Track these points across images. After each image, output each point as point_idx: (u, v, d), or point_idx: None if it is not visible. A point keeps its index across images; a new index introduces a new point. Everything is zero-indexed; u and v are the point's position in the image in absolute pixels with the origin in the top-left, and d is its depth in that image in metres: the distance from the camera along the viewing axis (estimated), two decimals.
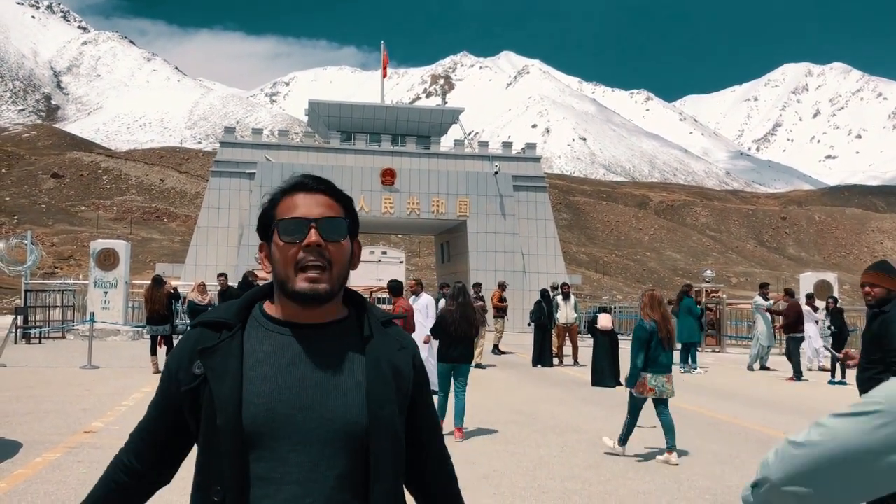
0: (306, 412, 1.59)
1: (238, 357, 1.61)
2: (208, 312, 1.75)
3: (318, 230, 1.63)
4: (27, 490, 6.39)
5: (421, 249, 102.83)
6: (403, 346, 1.76)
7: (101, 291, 24.00)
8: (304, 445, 1.58)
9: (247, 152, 40.85)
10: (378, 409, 1.62)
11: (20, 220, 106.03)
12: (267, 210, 1.72)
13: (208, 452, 1.60)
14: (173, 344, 15.20)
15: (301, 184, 1.70)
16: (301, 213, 1.65)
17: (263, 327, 1.67)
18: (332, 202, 1.69)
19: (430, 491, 1.82)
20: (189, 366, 1.64)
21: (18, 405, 10.49)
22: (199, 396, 1.61)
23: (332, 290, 1.65)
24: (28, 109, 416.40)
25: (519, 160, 43.00)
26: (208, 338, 1.65)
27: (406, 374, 1.72)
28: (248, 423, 1.57)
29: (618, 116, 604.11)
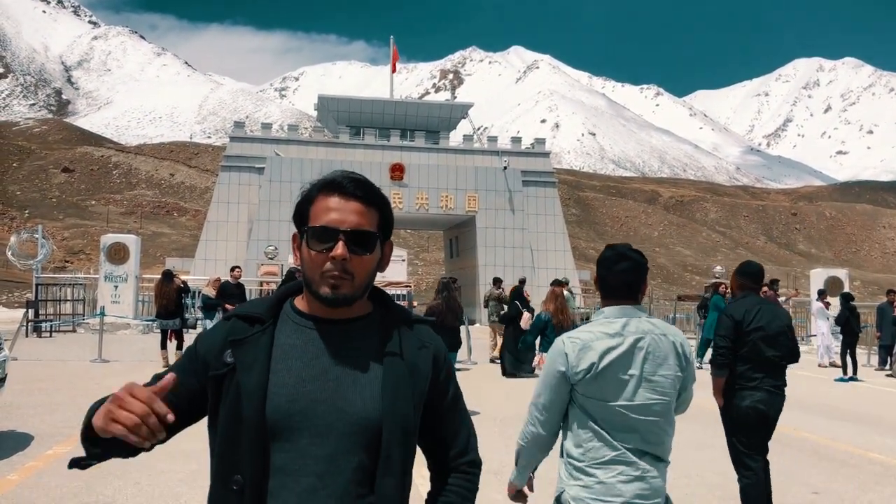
0: (325, 405, 1.63)
1: (267, 350, 1.65)
2: (243, 306, 1.79)
3: (346, 242, 1.65)
4: (38, 482, 6.43)
5: (430, 245, 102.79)
6: (425, 344, 1.78)
7: (111, 285, 24.11)
8: (323, 438, 1.62)
9: (256, 147, 40.94)
10: (392, 405, 1.65)
11: (31, 215, 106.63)
12: (303, 203, 1.74)
13: (229, 442, 1.63)
14: (184, 338, 15.26)
15: (339, 185, 1.70)
16: (333, 220, 1.66)
17: (292, 321, 1.72)
18: (365, 209, 1.70)
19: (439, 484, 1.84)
20: (220, 353, 1.67)
21: (30, 398, 10.56)
22: (222, 384, 1.66)
23: (355, 295, 1.69)
24: (39, 104, 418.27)
25: (528, 155, 42.94)
26: (241, 329, 1.69)
27: (423, 373, 1.74)
28: (270, 414, 1.60)
29: (627, 111, 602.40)
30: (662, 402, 2.75)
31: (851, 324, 16.83)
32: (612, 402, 2.69)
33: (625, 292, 2.84)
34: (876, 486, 7.25)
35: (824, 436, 9.60)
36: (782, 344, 5.26)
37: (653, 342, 2.76)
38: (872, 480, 7.47)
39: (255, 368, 1.62)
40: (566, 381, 2.73)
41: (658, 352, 2.76)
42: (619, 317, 2.79)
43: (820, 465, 8.00)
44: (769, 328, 5.21)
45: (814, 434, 9.66)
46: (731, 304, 5.58)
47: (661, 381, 2.75)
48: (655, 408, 2.73)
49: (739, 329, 5.21)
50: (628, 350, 2.71)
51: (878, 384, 16.02)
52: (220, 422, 1.65)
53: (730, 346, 5.23)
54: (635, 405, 2.69)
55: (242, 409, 1.60)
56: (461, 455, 1.85)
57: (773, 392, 5.24)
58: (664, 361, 2.77)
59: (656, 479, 2.72)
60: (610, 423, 2.70)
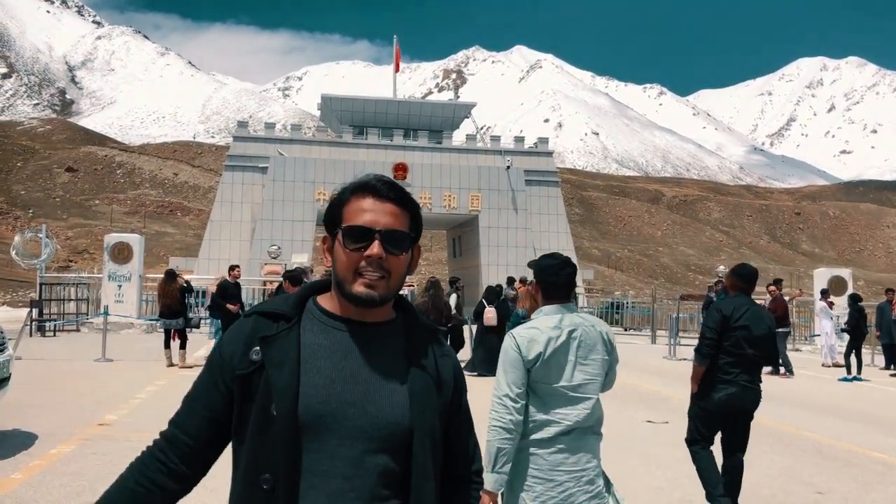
0: (356, 408, 1.63)
1: (296, 348, 1.64)
2: (266, 303, 1.78)
3: (382, 242, 1.66)
4: (42, 481, 6.45)
5: (433, 244, 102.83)
6: (446, 353, 1.81)
7: (114, 285, 24.14)
8: (351, 440, 1.62)
9: (260, 146, 40.97)
10: (421, 414, 1.67)
11: (35, 214, 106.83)
12: (335, 205, 1.74)
13: (258, 441, 1.61)
14: (187, 337, 15.27)
15: (373, 187, 1.71)
16: (368, 220, 1.67)
17: (318, 320, 1.71)
18: (399, 211, 1.71)
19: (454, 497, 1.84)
20: (245, 352, 1.66)
21: (33, 397, 10.58)
22: (251, 384, 1.64)
23: (388, 296, 1.70)
24: (43, 104, 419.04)
25: (531, 155, 42.94)
26: (266, 327, 1.67)
27: (447, 382, 1.77)
28: (302, 414, 1.60)
29: (631, 111, 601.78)
30: (594, 381, 3.36)
31: (860, 325, 16.84)
32: (556, 383, 3.25)
33: (565, 293, 3.40)
34: (879, 486, 7.24)
35: (827, 435, 9.59)
36: (763, 346, 5.63)
37: (584, 332, 3.33)
38: (875, 480, 7.46)
39: (286, 366, 1.62)
40: (524, 366, 3.24)
41: (588, 340, 3.33)
42: (557, 313, 3.32)
43: (823, 465, 7.99)
44: (754, 329, 5.58)
45: (817, 433, 9.65)
46: (723, 301, 6.01)
47: (592, 364, 3.33)
48: (589, 386, 3.31)
49: (727, 323, 5.59)
50: (566, 340, 3.27)
51: (883, 384, 16.00)
52: (251, 420, 1.63)
53: (715, 339, 5.60)
54: (573, 385, 3.26)
55: (273, 406, 1.59)
56: (470, 464, 1.88)
57: (745, 387, 5.58)
58: (594, 348, 3.34)
59: (592, 449, 3.35)
60: (555, 401, 3.25)
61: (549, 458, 3.21)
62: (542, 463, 3.21)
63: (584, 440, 3.31)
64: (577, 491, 3.23)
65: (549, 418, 3.25)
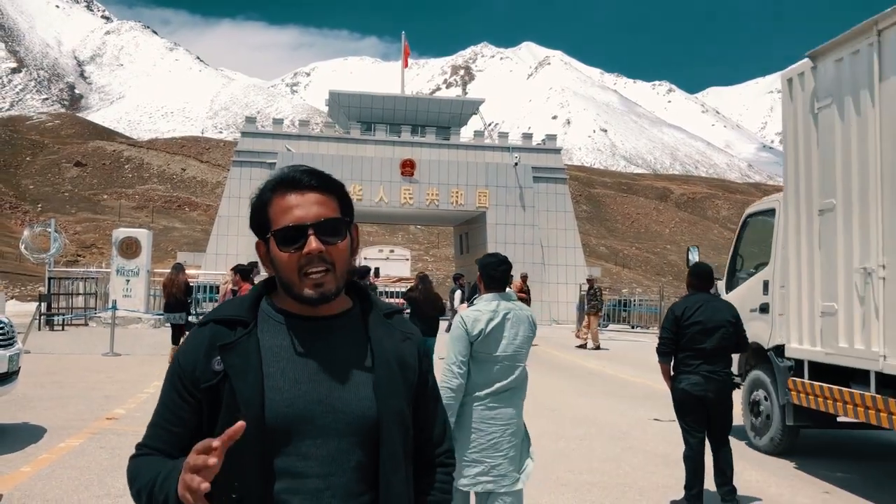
0: (323, 406, 1.60)
1: (257, 353, 1.60)
2: (221, 309, 1.72)
3: (317, 235, 1.60)
4: (51, 474, 6.48)
5: (440, 240, 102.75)
6: (408, 336, 1.77)
7: (123, 279, 24.21)
8: (323, 439, 1.59)
9: (268, 142, 40.98)
10: (386, 402, 1.64)
11: (44, 209, 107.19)
12: (259, 209, 1.68)
13: (227, 449, 1.57)
14: (185, 333, 15.30)
15: (292, 180, 1.65)
16: (296, 217, 1.61)
17: (274, 320, 1.66)
18: (325, 198, 1.65)
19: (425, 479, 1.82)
20: (207, 362, 1.61)
21: (42, 391, 10.63)
22: (219, 393, 1.60)
23: (339, 287, 1.65)
24: (52, 98, 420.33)
25: (539, 151, 42.82)
26: (224, 334, 1.63)
27: (412, 366, 1.74)
28: (270, 419, 1.56)
29: (639, 108, 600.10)
30: (522, 352, 4.24)
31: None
32: (494, 353, 4.10)
33: (502, 284, 4.26)
34: None
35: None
36: (720, 336, 6.02)
37: (515, 315, 4.20)
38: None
39: (250, 374, 1.57)
40: (469, 340, 4.07)
41: (517, 321, 4.20)
42: (495, 300, 4.20)
43: None
44: (708, 322, 6.02)
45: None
46: (677, 302, 6.50)
47: (520, 338, 4.20)
48: (519, 355, 4.20)
49: (679, 323, 6.08)
50: (501, 320, 4.13)
51: None
52: (219, 430, 1.56)
53: (670, 337, 6.13)
54: (508, 355, 4.13)
55: (240, 416, 1.54)
56: (440, 445, 1.84)
57: (708, 377, 5.97)
58: (521, 326, 4.21)
59: (517, 406, 4.28)
60: (492, 367, 4.10)
61: (484, 413, 4.09)
62: (477, 416, 4.08)
63: (513, 399, 4.22)
64: (502, 440, 4.12)
65: (486, 381, 4.09)
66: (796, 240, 7.75)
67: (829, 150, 7.15)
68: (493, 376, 4.10)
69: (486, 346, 4.08)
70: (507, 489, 4.20)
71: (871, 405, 6.54)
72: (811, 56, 7.57)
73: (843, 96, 6.96)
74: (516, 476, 4.29)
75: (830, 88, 7.19)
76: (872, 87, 6.46)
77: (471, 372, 4.10)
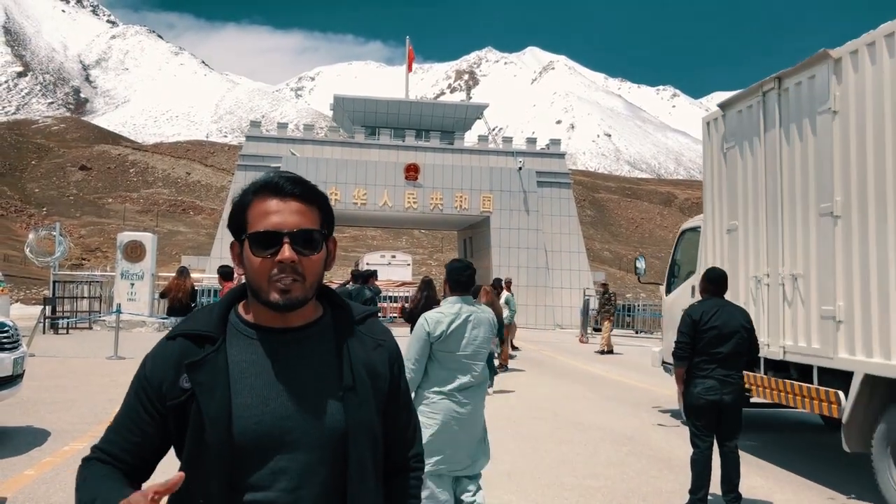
0: (292, 421, 1.58)
1: (225, 371, 1.58)
2: (189, 322, 1.68)
3: (292, 244, 1.58)
4: (55, 478, 6.48)
5: (444, 245, 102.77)
6: (380, 343, 1.75)
7: (127, 283, 24.25)
8: (294, 453, 1.58)
9: (272, 146, 41.05)
10: (355, 414, 1.62)
11: (49, 212, 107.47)
12: (238, 210, 1.67)
13: (193, 466, 1.55)
14: None
15: (275, 185, 1.63)
16: (274, 223, 1.59)
17: (243, 334, 1.64)
18: (306, 208, 1.63)
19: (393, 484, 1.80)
20: (175, 379, 1.59)
21: (46, 394, 10.64)
22: (185, 410, 1.58)
23: (307, 297, 1.62)
24: (57, 102, 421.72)
25: (543, 156, 42.84)
26: (192, 351, 1.60)
27: (382, 374, 1.72)
28: (238, 438, 1.55)
29: (644, 113, 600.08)
30: (482, 352, 4.50)
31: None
32: (455, 352, 4.38)
33: (465, 288, 4.56)
34: None
35: None
36: (735, 341, 6.08)
37: (476, 317, 4.49)
38: None
39: (217, 392, 1.55)
40: (428, 341, 4.36)
41: (478, 322, 4.49)
42: (458, 303, 4.50)
43: None
44: (724, 328, 6.08)
45: None
46: (693, 305, 6.49)
47: (481, 338, 4.49)
48: (478, 356, 4.47)
49: (696, 327, 6.13)
50: (463, 321, 4.42)
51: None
52: (185, 447, 1.58)
53: (688, 342, 6.16)
54: (468, 353, 4.41)
55: (206, 435, 1.54)
56: (409, 448, 1.83)
57: (723, 381, 6.03)
58: (481, 327, 4.49)
59: (478, 401, 4.51)
60: (454, 366, 4.38)
61: (444, 405, 4.35)
62: (437, 407, 4.33)
63: (475, 394, 4.47)
64: (460, 431, 4.37)
65: (448, 377, 4.37)
66: (712, 252, 9.61)
67: (733, 182, 9.08)
68: (453, 373, 4.39)
69: (447, 345, 4.36)
70: (467, 473, 4.51)
71: (761, 384, 8.29)
72: (721, 106, 9.49)
73: (741, 140, 8.87)
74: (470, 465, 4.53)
75: (734, 133, 9.10)
76: (759, 135, 8.38)
77: (434, 368, 4.41)
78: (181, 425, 1.59)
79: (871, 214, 6.46)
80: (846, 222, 6.81)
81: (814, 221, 7.35)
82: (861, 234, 6.62)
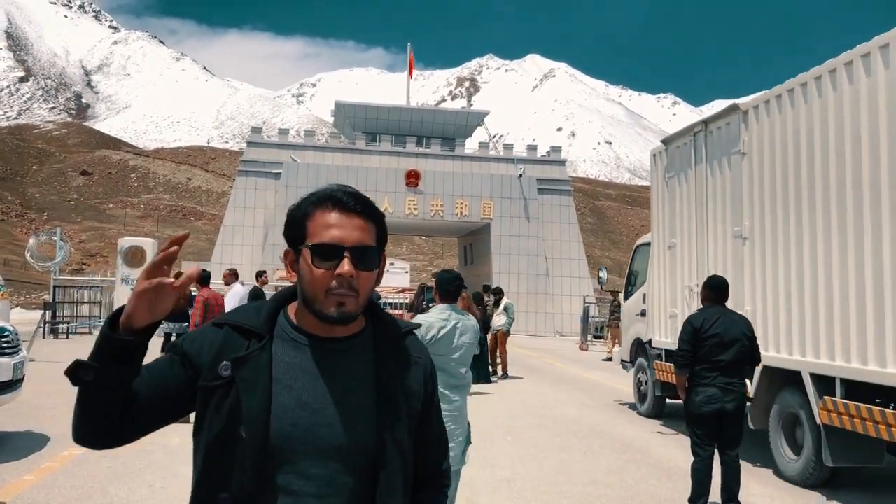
0: (327, 429, 1.60)
1: (268, 369, 1.60)
2: (238, 314, 1.70)
3: (352, 260, 1.61)
4: (54, 483, 6.48)
5: (444, 251, 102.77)
6: (415, 360, 1.77)
7: (128, 288, 24.25)
8: (324, 460, 1.60)
9: (273, 152, 41.11)
10: (387, 431, 1.65)
11: (49, 217, 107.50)
12: (298, 219, 1.69)
13: (218, 459, 1.58)
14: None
15: (338, 200, 1.66)
16: (336, 237, 1.62)
17: (289, 336, 1.67)
18: (366, 224, 1.66)
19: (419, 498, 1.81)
20: (214, 364, 1.61)
21: (46, 399, 10.63)
22: (212, 397, 1.60)
23: (358, 312, 1.65)
24: (59, 107, 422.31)
25: (544, 163, 42.89)
26: (238, 344, 1.63)
27: (416, 393, 1.74)
28: (272, 437, 1.57)
29: (644, 120, 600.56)
30: (466, 356, 4.80)
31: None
32: (446, 355, 4.62)
33: (454, 297, 4.89)
34: None
35: None
36: (737, 349, 6.10)
37: (463, 323, 4.78)
38: None
39: (259, 389, 1.58)
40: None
41: (465, 328, 4.77)
42: (447, 310, 4.81)
43: None
44: (725, 335, 6.10)
45: None
46: (694, 314, 6.53)
47: (467, 343, 4.77)
48: (464, 360, 4.77)
49: (697, 335, 6.15)
50: (452, 327, 4.70)
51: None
52: (209, 437, 1.60)
53: (689, 349, 6.19)
54: (457, 357, 4.71)
55: (242, 429, 1.55)
56: (437, 464, 1.85)
57: (724, 388, 6.03)
58: (468, 333, 4.79)
59: (463, 399, 4.77)
60: (444, 369, 4.54)
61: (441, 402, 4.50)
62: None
63: (461, 393, 4.75)
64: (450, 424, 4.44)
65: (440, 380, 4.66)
66: (658, 265, 11.15)
67: (673, 205, 10.72)
68: (443, 374, 4.55)
69: (437, 348, 4.59)
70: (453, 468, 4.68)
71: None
72: (664, 142, 11.25)
73: (678, 171, 10.59)
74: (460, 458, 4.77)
75: (673, 165, 10.78)
76: (692, 168, 10.12)
77: None
78: (204, 404, 1.61)
79: (769, 237, 8.12)
80: (752, 243, 8.52)
81: (729, 241, 9.06)
82: (762, 252, 8.28)
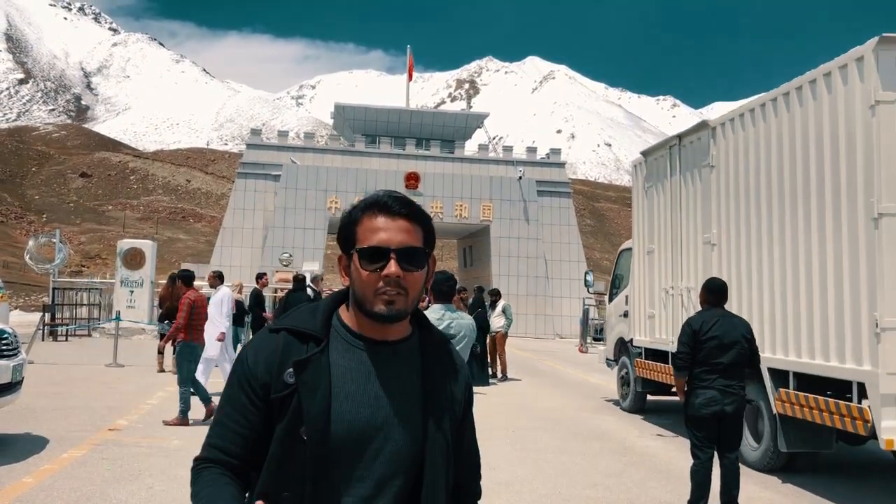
0: (378, 432, 1.66)
1: (327, 372, 1.65)
2: (293, 318, 1.74)
3: (398, 261, 1.66)
4: (53, 485, 6.47)
5: (443, 253, 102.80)
6: (458, 369, 1.83)
7: (127, 290, 24.26)
8: (374, 462, 1.65)
9: (272, 154, 41.12)
10: (434, 435, 1.70)
11: (49, 219, 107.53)
12: (348, 225, 1.75)
13: (281, 460, 1.64)
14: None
15: (384, 205, 1.72)
16: (382, 240, 1.67)
17: (343, 339, 1.72)
18: (412, 227, 1.71)
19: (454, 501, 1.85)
20: (280, 372, 1.66)
21: (45, 401, 10.63)
22: (283, 405, 1.65)
23: (408, 310, 1.70)
24: (58, 109, 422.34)
25: (543, 165, 42.91)
26: (297, 348, 1.68)
27: (459, 399, 1.80)
28: (331, 439, 1.62)
29: (644, 122, 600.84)
30: (463, 353, 4.81)
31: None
32: None
33: (448, 297, 5.14)
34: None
35: None
36: (736, 351, 6.10)
37: (457, 323, 4.97)
38: None
39: (319, 393, 1.63)
40: None
41: (459, 328, 4.95)
42: (441, 310, 5.01)
43: None
44: (724, 338, 6.10)
45: None
46: (693, 316, 6.54)
47: (462, 344, 4.90)
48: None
49: (697, 337, 6.15)
50: (446, 326, 4.88)
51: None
52: (275, 440, 1.65)
53: (688, 352, 6.18)
54: None
55: (304, 430, 1.61)
56: (472, 472, 1.90)
57: (724, 391, 6.03)
58: (463, 332, 4.96)
59: None
60: None
61: None
62: None
63: None
64: None
65: None
66: (639, 269, 11.89)
67: (651, 213, 11.49)
68: None
69: None
70: None
71: (671, 374, 9.48)
72: (643, 154, 11.97)
73: (656, 182, 11.33)
74: None
75: (651, 175, 11.55)
76: (668, 178, 10.86)
77: None
78: (279, 418, 1.65)
79: (734, 243, 8.86)
80: (719, 248, 9.22)
81: (700, 247, 9.71)
82: (727, 258, 8.99)
